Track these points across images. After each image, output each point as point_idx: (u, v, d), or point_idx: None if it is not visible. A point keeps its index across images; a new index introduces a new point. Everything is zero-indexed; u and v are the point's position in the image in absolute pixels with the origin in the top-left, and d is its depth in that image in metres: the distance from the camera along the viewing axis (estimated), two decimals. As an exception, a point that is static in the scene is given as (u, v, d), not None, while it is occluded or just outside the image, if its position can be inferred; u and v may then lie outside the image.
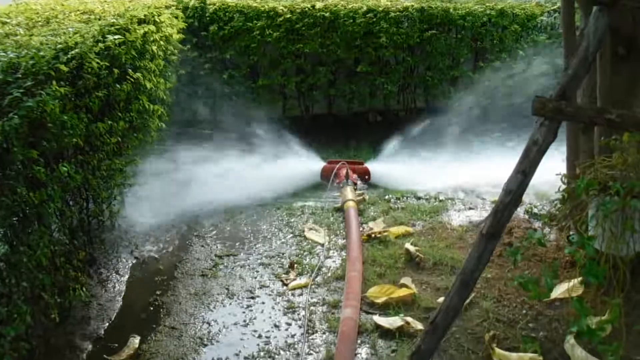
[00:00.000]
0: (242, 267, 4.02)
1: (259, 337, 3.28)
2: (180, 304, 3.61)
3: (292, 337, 3.26)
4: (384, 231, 4.31)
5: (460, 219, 4.58)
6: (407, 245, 4.02)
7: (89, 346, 3.22)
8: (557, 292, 3.26)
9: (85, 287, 3.42)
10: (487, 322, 3.23)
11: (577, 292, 3.18)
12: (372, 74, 6.37)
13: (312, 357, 3.09)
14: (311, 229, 4.52)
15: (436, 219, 4.57)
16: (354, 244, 4.03)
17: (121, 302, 3.66)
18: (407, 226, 4.43)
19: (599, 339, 2.40)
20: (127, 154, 4.13)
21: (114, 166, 3.88)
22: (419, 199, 5.03)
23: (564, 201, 2.93)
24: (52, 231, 3.09)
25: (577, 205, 2.80)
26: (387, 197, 5.07)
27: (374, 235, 4.27)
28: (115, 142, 3.82)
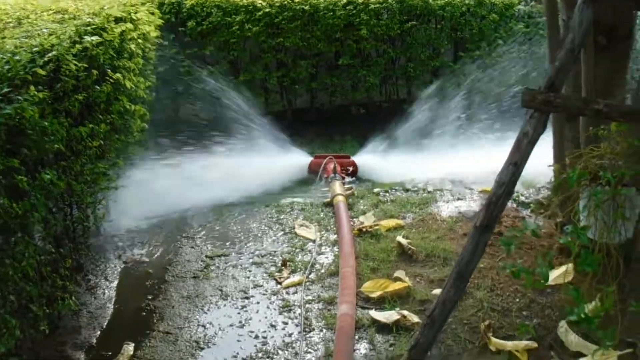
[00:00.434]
0: (234, 267, 3.97)
1: (256, 337, 3.24)
2: (173, 307, 3.54)
3: (290, 336, 3.23)
4: (375, 225, 4.30)
5: (449, 209, 4.58)
6: (399, 238, 4.01)
7: (81, 356, 3.14)
8: (549, 279, 3.29)
9: (74, 295, 3.35)
10: (481, 312, 3.25)
11: (567, 279, 3.21)
12: (354, 67, 6.35)
13: (310, 356, 3.07)
14: (302, 226, 4.48)
15: (426, 210, 4.57)
16: (346, 239, 4.01)
17: (112, 309, 3.57)
18: (398, 219, 4.42)
19: (596, 326, 2.42)
20: (110, 157, 4.04)
21: (97, 170, 3.78)
22: (407, 191, 5.02)
23: (555, 192, 2.94)
24: (37, 240, 3.00)
25: (569, 195, 2.81)
26: (375, 190, 5.05)
27: (365, 229, 4.25)
28: (97, 145, 3.73)
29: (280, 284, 3.73)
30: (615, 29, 3.03)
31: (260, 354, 3.09)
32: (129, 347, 3.15)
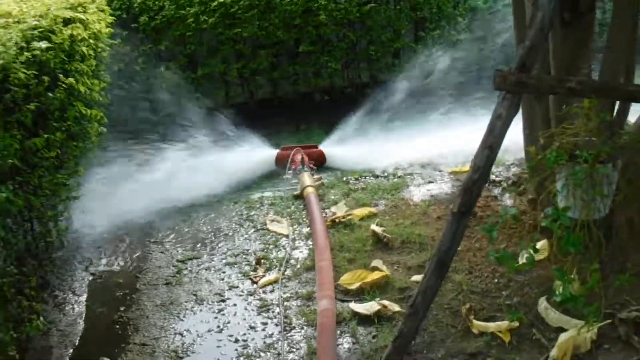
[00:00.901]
0: (207, 269, 3.87)
1: (236, 341, 3.16)
2: (147, 317, 3.43)
3: (270, 336, 3.16)
4: (348, 214, 4.24)
5: (421, 193, 4.55)
6: (373, 226, 3.96)
7: (55, 377, 3.04)
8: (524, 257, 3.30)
9: (41, 315, 3.20)
10: (461, 295, 3.23)
11: (543, 255, 3.24)
12: (315, 53, 6.23)
13: (293, 355, 3.01)
14: (273, 221, 4.40)
15: (397, 196, 4.52)
16: (320, 231, 3.94)
17: (83, 325, 3.44)
18: (370, 207, 4.37)
19: (582, 304, 2.42)
20: (69, 166, 3.87)
21: (56, 181, 3.62)
22: (377, 177, 4.97)
23: (532, 173, 2.92)
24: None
25: (547, 176, 2.79)
26: (345, 179, 4.99)
27: (338, 220, 4.19)
28: (54, 155, 3.56)
29: (256, 283, 3.66)
30: (577, 4, 3.00)
31: (242, 358, 3.02)
32: (105, 363, 3.05)
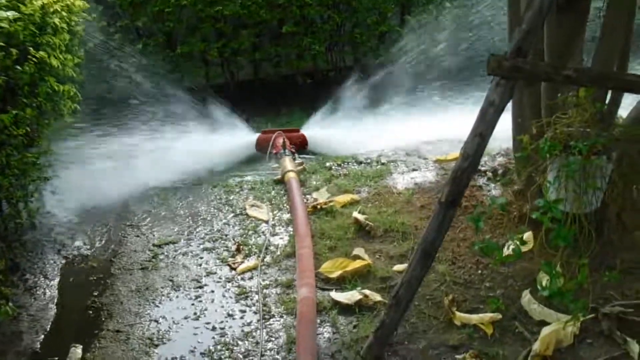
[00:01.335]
0: (185, 254, 3.76)
1: (213, 329, 3.06)
2: (122, 303, 3.31)
3: (249, 324, 3.07)
4: (329, 201, 4.16)
5: (405, 181, 4.48)
6: (355, 214, 3.89)
7: (24, 364, 2.91)
8: (509, 250, 3.26)
9: (11, 299, 3.07)
10: (444, 286, 3.18)
11: (527, 247, 3.18)
12: (298, 34, 6.12)
13: (272, 344, 2.92)
14: (253, 206, 4.29)
15: (381, 183, 4.45)
16: (300, 218, 3.85)
17: (55, 310, 3.30)
18: (352, 194, 4.29)
19: (569, 299, 2.38)
20: (39, 145, 3.71)
21: (26, 160, 3.46)
22: (360, 163, 4.89)
23: (524, 163, 2.85)
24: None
25: (539, 166, 2.73)
26: (327, 165, 4.90)
27: (319, 206, 4.11)
28: (23, 132, 3.39)
29: (234, 269, 3.55)
30: None
31: (219, 347, 2.92)
32: (77, 350, 2.92)
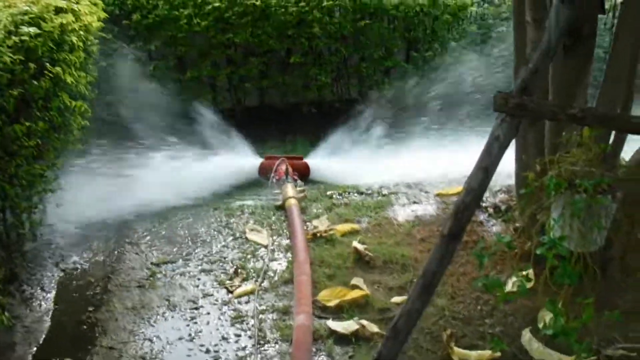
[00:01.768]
0: (182, 275, 3.75)
1: (207, 352, 3.05)
2: (116, 320, 3.30)
3: (243, 349, 3.06)
4: (330, 229, 4.17)
5: (406, 213, 4.49)
6: (355, 243, 3.89)
7: (15, 376, 2.89)
8: (510, 286, 3.26)
9: (7, 309, 3.06)
10: (443, 320, 3.17)
11: (529, 285, 3.19)
12: (306, 65, 6.21)
13: (265, 370, 2.92)
14: (253, 230, 4.30)
15: (381, 214, 4.46)
16: (300, 244, 3.86)
17: (49, 322, 3.30)
18: (353, 223, 4.30)
19: (574, 339, 2.38)
20: (47, 158, 3.75)
21: (33, 172, 3.50)
22: (361, 194, 4.91)
23: (527, 200, 2.89)
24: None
25: (542, 204, 2.76)
26: (328, 193, 4.92)
27: (319, 234, 4.12)
28: (34, 144, 3.44)
29: (231, 292, 3.55)
30: (580, 30, 2.97)
31: (212, 370, 2.92)
32: (69, 365, 2.92)
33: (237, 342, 3.12)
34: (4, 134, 3.09)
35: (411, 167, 5.06)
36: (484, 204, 4.36)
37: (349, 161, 5.32)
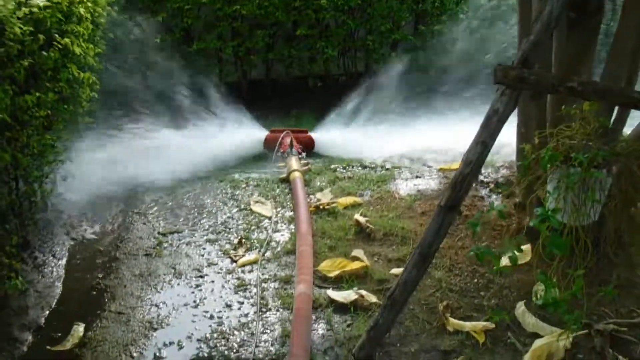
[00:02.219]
0: (188, 244, 3.86)
1: (211, 317, 3.16)
2: (125, 286, 3.43)
3: (245, 316, 3.17)
4: (332, 202, 4.25)
5: (408, 187, 4.56)
6: (357, 216, 3.98)
7: (29, 337, 3.01)
8: (506, 260, 3.32)
9: (20, 274, 3.18)
10: (440, 292, 3.24)
11: (525, 259, 3.24)
12: (312, 37, 6.21)
13: (267, 336, 3.01)
14: (257, 202, 4.39)
15: (384, 188, 4.54)
16: (303, 216, 3.95)
17: (61, 288, 3.43)
18: (355, 196, 4.38)
19: (563, 310, 2.43)
20: (57, 128, 3.82)
21: (44, 142, 3.58)
22: (365, 167, 4.98)
23: (524, 173, 2.90)
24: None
25: (538, 176, 2.79)
26: (332, 167, 4.99)
27: (322, 206, 4.20)
28: (44, 115, 3.51)
29: (235, 262, 3.65)
30: (585, 3, 2.92)
31: (215, 335, 3.01)
32: (79, 328, 3.03)
33: (239, 309, 3.23)
34: (16, 103, 3.15)
35: (415, 142, 5.10)
36: (486, 180, 4.41)
37: (354, 135, 5.36)
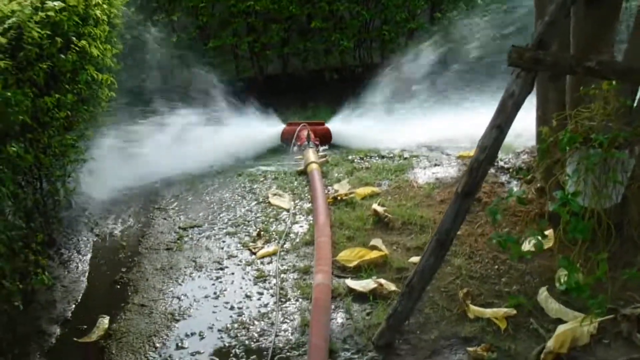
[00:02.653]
0: (208, 237, 3.92)
1: (232, 308, 3.21)
2: (147, 280, 3.50)
3: (265, 306, 3.21)
4: (350, 193, 4.27)
5: (426, 176, 4.55)
6: (375, 205, 3.98)
7: (56, 330, 3.10)
8: (528, 245, 3.27)
9: (47, 270, 3.28)
10: (460, 279, 3.23)
11: (548, 245, 3.19)
12: (327, 30, 6.20)
13: (286, 326, 3.05)
14: (275, 195, 4.43)
15: (402, 177, 4.53)
16: (321, 207, 3.97)
17: (86, 282, 3.53)
18: (373, 186, 4.38)
19: (587, 295, 2.38)
20: (78, 128, 3.91)
21: (65, 142, 3.67)
22: (382, 157, 4.98)
23: (542, 156, 2.84)
24: (7, 215, 2.91)
25: (557, 160, 2.73)
26: (350, 158, 5.01)
27: (340, 197, 4.22)
28: (64, 116, 3.60)
29: (254, 254, 3.70)
30: None
31: (236, 325, 3.06)
32: (104, 320, 3.12)
33: (259, 299, 3.27)
34: (36, 105, 3.23)
35: (433, 131, 5.08)
36: (506, 165, 4.37)
37: (371, 125, 5.36)
